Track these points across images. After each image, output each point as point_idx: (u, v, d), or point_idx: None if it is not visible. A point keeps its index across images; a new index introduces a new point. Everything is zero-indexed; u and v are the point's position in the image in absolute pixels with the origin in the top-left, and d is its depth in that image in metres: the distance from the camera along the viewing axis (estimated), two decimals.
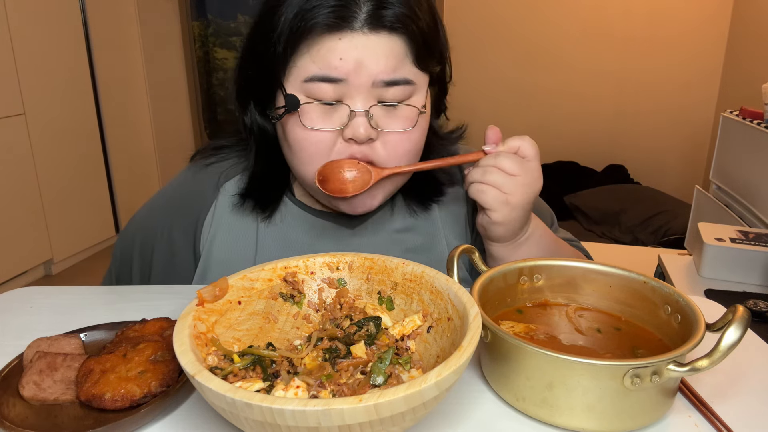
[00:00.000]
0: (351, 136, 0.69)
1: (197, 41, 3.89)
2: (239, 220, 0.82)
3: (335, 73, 0.67)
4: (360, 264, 0.64)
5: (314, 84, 0.68)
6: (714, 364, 0.49)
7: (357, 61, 0.66)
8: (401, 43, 0.68)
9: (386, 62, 0.67)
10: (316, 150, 0.70)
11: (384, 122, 0.71)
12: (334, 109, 0.69)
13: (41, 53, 2.88)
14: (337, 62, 0.66)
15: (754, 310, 1.20)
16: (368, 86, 0.68)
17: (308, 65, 0.68)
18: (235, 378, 0.50)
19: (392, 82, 0.68)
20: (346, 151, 0.70)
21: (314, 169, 0.71)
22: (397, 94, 0.69)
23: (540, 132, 3.59)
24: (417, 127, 0.72)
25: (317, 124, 0.69)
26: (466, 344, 0.46)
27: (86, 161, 3.22)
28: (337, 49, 0.66)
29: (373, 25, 0.66)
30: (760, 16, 2.82)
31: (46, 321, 0.72)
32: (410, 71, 0.70)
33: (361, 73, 0.67)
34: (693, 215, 2.08)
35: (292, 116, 0.70)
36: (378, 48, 0.67)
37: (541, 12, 3.41)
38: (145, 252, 0.85)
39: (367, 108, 0.68)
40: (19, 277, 2.87)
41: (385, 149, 0.71)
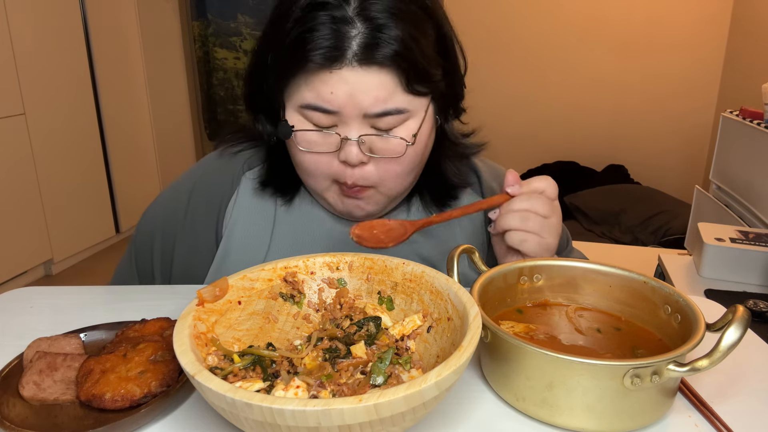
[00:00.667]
0: (344, 159, 0.71)
1: (197, 41, 3.89)
2: (259, 207, 0.84)
3: (328, 105, 0.69)
4: (360, 264, 0.64)
5: (309, 111, 0.70)
6: (714, 364, 0.49)
7: (347, 94, 0.67)
8: (392, 76, 0.68)
9: (376, 95, 0.68)
10: (315, 168, 0.74)
11: (377, 147, 0.72)
12: (329, 135, 0.71)
13: (41, 53, 2.88)
14: (328, 95, 0.68)
15: (754, 310, 1.20)
16: (360, 117, 0.69)
17: (304, 93, 0.70)
18: (235, 378, 0.50)
19: (384, 113, 0.69)
20: (343, 173, 0.73)
21: (314, 183, 0.76)
22: (390, 122, 0.70)
23: (540, 132, 3.59)
24: (408, 154, 0.73)
25: (312, 146, 0.72)
26: (466, 344, 0.46)
27: (86, 161, 3.21)
28: (329, 82, 0.67)
29: (363, 61, 0.66)
30: (760, 16, 2.82)
31: (46, 321, 0.72)
32: (403, 100, 0.70)
33: (352, 106, 0.68)
34: (693, 215, 2.08)
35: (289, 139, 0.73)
36: (368, 82, 0.67)
37: (542, 13, 3.42)
38: (167, 235, 0.86)
39: (357, 137, 0.70)
40: (19, 277, 2.87)
41: (377, 173, 0.73)
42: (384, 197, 0.77)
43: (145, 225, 0.89)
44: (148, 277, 0.89)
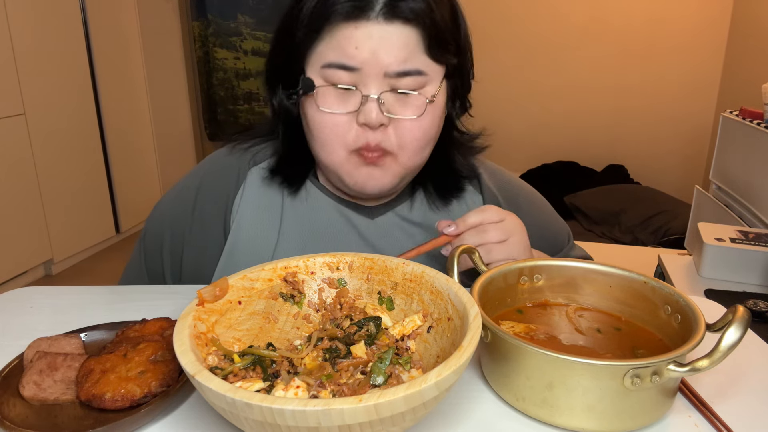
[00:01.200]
0: (364, 121, 0.72)
1: (197, 41, 3.89)
2: (266, 200, 0.85)
3: (350, 62, 0.70)
4: (360, 264, 0.64)
5: (331, 70, 0.71)
6: (714, 365, 0.49)
7: (371, 51, 0.69)
8: (415, 34, 0.70)
9: (398, 53, 0.70)
10: (332, 133, 0.74)
11: (396, 109, 0.73)
12: (350, 94, 0.72)
13: (41, 53, 2.88)
14: (352, 51, 0.70)
15: (754, 310, 1.20)
16: (381, 75, 0.71)
17: (326, 52, 0.71)
18: (235, 378, 0.50)
19: (404, 72, 0.71)
20: (362, 138, 0.73)
21: (331, 153, 0.75)
22: (409, 84, 0.72)
23: (540, 132, 3.60)
24: (427, 115, 0.74)
25: (332, 107, 0.73)
26: (466, 344, 0.46)
27: (86, 161, 3.21)
28: (353, 38, 0.69)
29: (389, 16, 0.69)
30: (760, 16, 2.82)
31: (46, 321, 0.72)
32: (423, 62, 0.72)
33: (374, 63, 0.70)
34: (693, 215, 2.08)
35: (309, 98, 0.74)
36: (392, 38, 0.70)
37: (542, 14, 3.42)
38: (175, 233, 0.86)
39: (378, 95, 0.71)
40: (19, 277, 2.87)
41: (396, 135, 0.74)
42: (401, 168, 0.77)
43: (153, 225, 0.90)
44: (158, 277, 0.89)
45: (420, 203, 0.87)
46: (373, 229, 0.85)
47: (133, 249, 0.92)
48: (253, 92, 3.97)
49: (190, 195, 0.87)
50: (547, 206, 0.99)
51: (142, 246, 0.90)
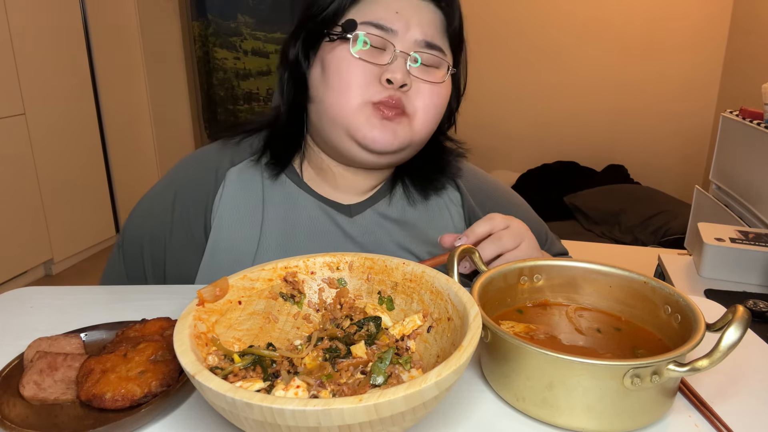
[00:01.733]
0: (389, 76, 0.75)
1: (197, 41, 3.89)
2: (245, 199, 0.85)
3: (390, 24, 0.76)
4: (360, 264, 0.64)
5: (368, 27, 0.76)
6: (714, 364, 0.49)
7: (408, 18, 0.76)
8: (441, 17, 0.79)
9: (428, 27, 0.77)
10: (354, 80, 0.75)
11: (419, 74, 0.78)
12: (379, 53, 0.77)
13: (41, 53, 2.88)
14: (393, 15, 0.76)
15: (754, 310, 1.20)
16: (411, 42, 0.77)
17: (368, 10, 0.77)
18: (235, 378, 0.50)
19: (431, 44, 0.78)
20: (384, 92, 0.76)
21: (349, 99, 0.76)
22: (432, 58, 0.78)
23: (540, 132, 3.59)
24: (445, 85, 0.80)
25: (363, 55, 0.76)
26: (467, 344, 0.46)
27: (86, 161, 3.21)
28: (395, 4, 0.76)
29: None
30: (760, 16, 2.82)
31: (47, 321, 0.72)
32: (443, 44, 0.80)
33: (408, 30, 0.76)
34: (693, 215, 2.08)
35: (343, 44, 0.76)
36: (426, 13, 0.78)
37: (542, 13, 3.42)
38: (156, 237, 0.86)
39: (410, 52, 0.76)
40: (19, 277, 2.87)
41: (416, 97, 0.78)
42: (411, 133, 0.78)
43: (131, 230, 0.89)
44: (140, 282, 0.88)
45: (399, 198, 0.89)
46: (353, 227, 0.86)
47: (110, 255, 0.91)
48: (253, 92, 3.97)
49: (168, 197, 0.86)
50: (524, 204, 1.01)
51: (121, 252, 0.89)
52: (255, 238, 0.84)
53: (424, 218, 0.90)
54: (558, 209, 3.03)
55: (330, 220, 0.86)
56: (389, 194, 0.89)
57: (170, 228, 0.85)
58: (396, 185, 0.89)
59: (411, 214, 0.89)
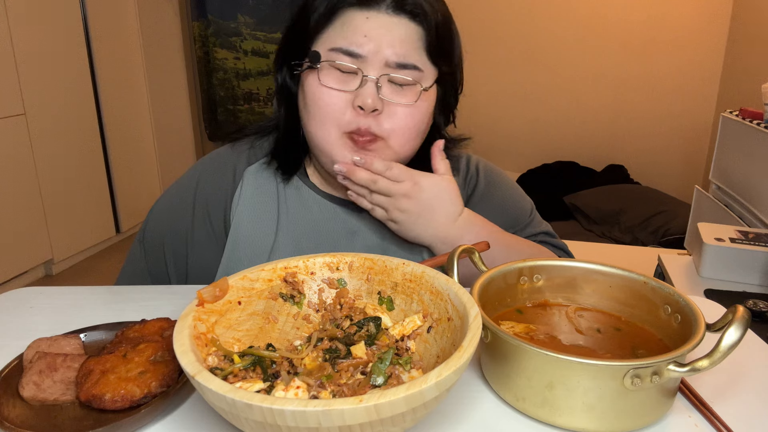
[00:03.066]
0: (360, 103, 0.75)
1: (197, 41, 3.88)
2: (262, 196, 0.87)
3: (358, 49, 0.75)
4: (360, 264, 0.64)
5: (337, 54, 0.76)
6: (714, 365, 0.49)
7: (377, 41, 0.74)
8: (417, 31, 0.76)
9: (400, 46, 0.75)
10: (329, 110, 0.77)
11: (390, 96, 0.77)
12: (350, 78, 0.76)
13: (41, 53, 2.88)
14: (361, 39, 0.74)
15: (754, 310, 1.20)
16: (382, 64, 0.75)
17: (336, 37, 0.76)
18: (235, 378, 0.50)
19: (402, 65, 0.76)
20: (354, 122, 0.76)
21: (325, 131, 0.78)
22: (406, 75, 0.76)
23: (540, 132, 3.59)
24: (420, 104, 0.78)
25: (333, 84, 0.76)
26: (467, 344, 0.46)
27: (86, 161, 3.21)
28: (363, 27, 0.74)
29: (397, 9, 0.75)
30: (760, 16, 2.82)
31: (46, 321, 0.72)
32: (420, 59, 0.77)
33: (378, 52, 0.75)
34: (693, 215, 2.08)
35: (312, 73, 0.77)
36: (397, 31, 0.75)
37: (541, 13, 3.41)
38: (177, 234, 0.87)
39: (378, 77, 0.75)
40: (19, 277, 2.87)
41: (389, 121, 0.77)
42: (391, 153, 0.79)
43: (153, 226, 0.90)
44: (162, 277, 0.90)
45: None
46: (362, 224, 0.88)
47: (130, 250, 0.92)
48: (253, 92, 3.97)
49: (188, 194, 0.88)
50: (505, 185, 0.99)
51: (143, 247, 0.91)
52: (271, 235, 0.86)
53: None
54: (558, 209, 3.03)
55: (340, 218, 0.87)
56: None
57: (192, 223, 0.87)
58: None
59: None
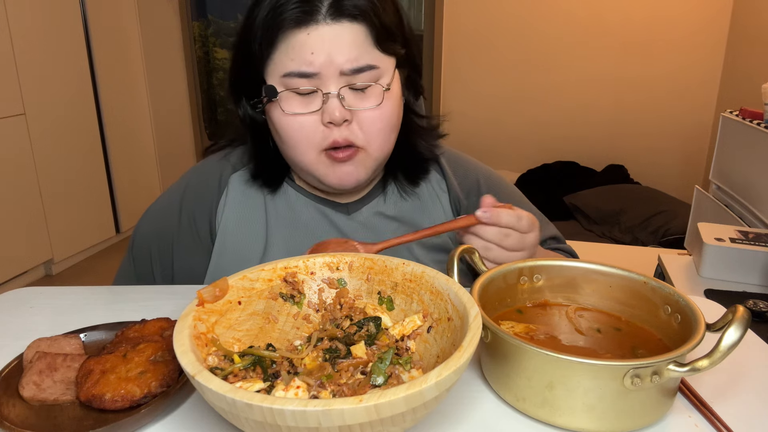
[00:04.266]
0: (329, 119, 0.74)
1: (197, 41, 3.89)
2: (248, 202, 0.88)
3: (309, 68, 0.73)
4: (360, 264, 0.64)
5: (290, 79, 0.74)
6: (714, 365, 0.49)
7: (326, 54, 0.72)
8: (363, 30, 0.74)
9: (350, 51, 0.73)
10: (299, 134, 0.76)
11: (356, 104, 0.76)
12: (311, 98, 0.75)
13: (41, 53, 2.88)
14: (309, 57, 0.72)
15: (754, 310, 1.20)
16: (337, 75, 0.74)
17: (284, 61, 0.74)
18: (235, 378, 0.50)
19: (358, 69, 0.74)
20: (329, 137, 0.75)
21: (302, 154, 0.77)
22: (365, 79, 0.75)
23: (540, 132, 3.59)
24: (386, 104, 0.77)
25: (296, 109, 0.75)
26: (467, 344, 0.46)
27: (86, 161, 3.21)
28: (308, 44, 0.72)
29: (336, 16, 0.72)
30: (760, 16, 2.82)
31: (46, 321, 0.72)
32: (373, 57, 0.75)
33: (330, 64, 0.73)
34: (693, 215, 2.08)
35: (274, 105, 0.76)
36: (342, 37, 0.73)
37: (542, 13, 3.41)
38: (164, 242, 0.88)
39: (338, 91, 0.74)
40: (19, 277, 2.87)
41: (361, 129, 0.77)
42: (372, 160, 0.80)
43: (141, 233, 0.91)
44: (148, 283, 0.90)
45: (392, 193, 0.90)
46: (352, 225, 0.88)
47: (123, 259, 0.93)
48: None
49: (175, 201, 0.89)
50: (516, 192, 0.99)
51: (131, 255, 0.92)
52: (261, 241, 0.86)
53: (418, 211, 0.91)
54: (558, 209, 3.03)
55: (329, 221, 0.87)
56: (383, 192, 0.90)
57: (178, 229, 0.87)
58: (388, 182, 0.90)
59: (406, 208, 0.90)
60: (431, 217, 0.91)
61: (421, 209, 0.91)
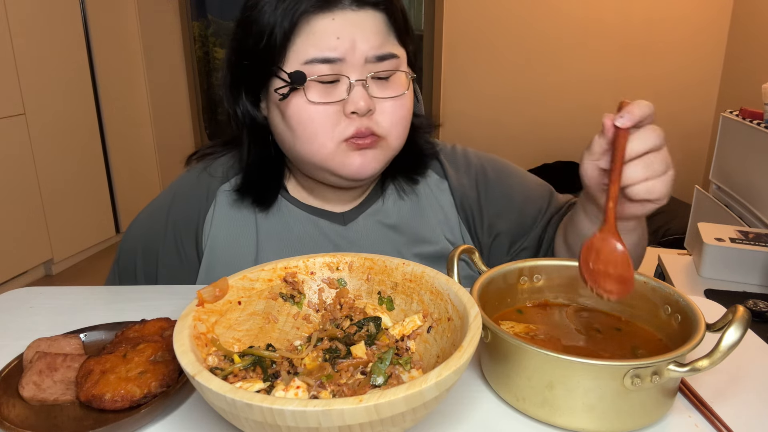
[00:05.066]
0: (353, 109, 0.72)
1: (197, 41, 3.89)
2: (239, 219, 0.85)
3: (333, 53, 0.71)
4: (360, 264, 0.64)
5: (313, 66, 0.71)
6: (714, 365, 0.49)
7: (351, 40, 0.71)
8: (384, 20, 0.74)
9: (374, 38, 0.72)
10: (320, 126, 0.73)
11: (380, 91, 0.75)
12: (334, 87, 0.73)
13: (41, 53, 2.88)
14: (334, 42, 0.71)
15: (754, 310, 1.20)
16: (362, 63, 0.72)
17: (306, 48, 0.71)
18: (235, 378, 0.50)
19: (381, 56, 0.73)
20: (350, 127, 0.73)
21: (321, 146, 0.74)
22: (387, 67, 0.74)
23: (540, 132, 3.59)
24: (408, 93, 0.77)
25: (319, 99, 0.73)
26: (467, 344, 0.46)
27: (86, 161, 3.22)
28: (332, 29, 0.71)
29: (360, 2, 0.72)
30: (760, 16, 2.82)
31: (46, 321, 0.72)
32: (394, 46, 0.75)
33: (355, 51, 0.71)
34: (693, 215, 2.08)
35: (297, 94, 0.73)
36: (366, 24, 0.72)
37: (542, 13, 3.41)
38: (148, 254, 0.86)
39: (364, 77, 0.73)
40: (19, 277, 2.87)
41: (384, 118, 0.75)
42: (391, 150, 0.78)
43: (126, 246, 0.89)
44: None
45: (391, 193, 0.89)
46: (348, 235, 0.86)
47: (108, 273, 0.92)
48: None
49: (161, 216, 0.87)
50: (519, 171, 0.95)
51: (117, 268, 0.90)
52: (251, 256, 0.84)
53: (417, 215, 0.88)
54: None
55: (323, 232, 0.85)
56: (381, 195, 0.88)
57: (163, 245, 0.85)
58: (387, 184, 0.88)
59: (404, 211, 0.88)
60: (430, 221, 0.88)
61: (420, 212, 0.88)
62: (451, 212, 0.89)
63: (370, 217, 0.87)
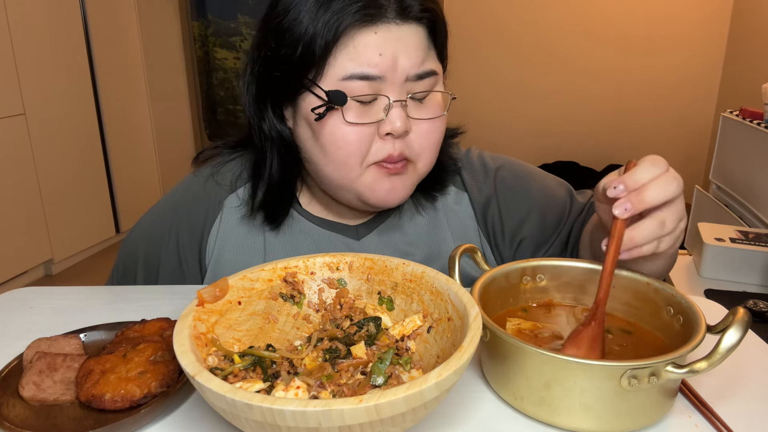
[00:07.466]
0: (390, 129, 0.68)
1: (197, 41, 3.88)
2: (246, 233, 0.82)
3: (374, 71, 0.67)
4: (360, 264, 0.64)
5: (352, 82, 0.67)
6: (713, 366, 0.49)
7: (392, 57, 0.67)
8: (425, 34, 0.70)
9: (416, 54, 0.68)
10: (355, 148, 0.69)
11: (415, 113, 0.71)
12: (371, 106, 0.69)
13: (41, 53, 2.88)
14: (376, 58, 0.66)
15: (754, 310, 1.20)
16: (402, 81, 0.68)
17: (345, 63, 0.67)
18: (235, 378, 0.50)
19: (422, 75, 0.69)
20: (383, 149, 0.70)
21: (351, 169, 0.71)
22: (425, 86, 0.71)
23: (540, 132, 3.59)
24: (443, 116, 0.73)
25: (356, 119, 0.69)
26: (467, 345, 0.46)
27: (86, 161, 3.21)
28: (375, 44, 0.66)
29: (403, 16, 0.67)
30: (760, 16, 2.82)
31: (46, 321, 0.72)
32: (433, 62, 0.71)
33: (396, 69, 0.67)
34: (693, 215, 2.08)
35: (333, 113, 0.68)
36: (408, 39, 0.68)
37: (542, 12, 3.42)
38: (149, 261, 0.84)
39: (404, 99, 0.69)
40: (19, 277, 2.87)
41: (416, 140, 0.71)
42: (418, 176, 0.75)
43: (127, 252, 0.87)
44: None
45: (407, 208, 0.85)
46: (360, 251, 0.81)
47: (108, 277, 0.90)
48: None
49: (164, 223, 0.84)
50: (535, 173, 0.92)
51: (116, 274, 0.88)
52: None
53: (433, 229, 0.85)
54: None
55: (335, 247, 0.82)
56: (398, 209, 0.84)
57: (165, 253, 0.83)
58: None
59: (420, 226, 0.85)
60: (446, 236, 0.85)
61: (437, 226, 0.85)
62: (470, 225, 0.86)
63: (385, 232, 0.84)
